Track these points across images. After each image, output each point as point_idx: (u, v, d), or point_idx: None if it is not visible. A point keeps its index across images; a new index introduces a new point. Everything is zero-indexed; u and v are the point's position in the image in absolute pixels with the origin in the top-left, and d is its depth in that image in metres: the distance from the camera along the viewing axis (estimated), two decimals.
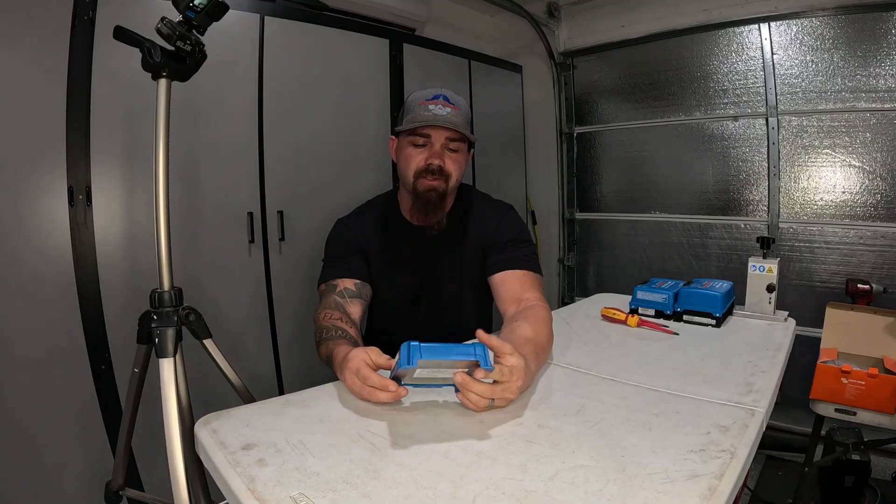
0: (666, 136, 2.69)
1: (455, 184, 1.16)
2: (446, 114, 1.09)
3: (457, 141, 1.13)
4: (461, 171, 1.17)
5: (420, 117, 1.09)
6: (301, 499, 0.55)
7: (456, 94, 1.15)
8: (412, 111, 1.12)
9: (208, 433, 0.71)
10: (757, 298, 1.29)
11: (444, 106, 1.10)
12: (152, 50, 0.83)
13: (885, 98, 2.07)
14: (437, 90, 1.13)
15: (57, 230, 1.27)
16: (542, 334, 0.95)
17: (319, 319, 1.06)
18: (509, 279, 1.12)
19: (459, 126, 1.10)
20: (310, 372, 1.73)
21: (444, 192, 1.13)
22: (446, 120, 1.08)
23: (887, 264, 2.11)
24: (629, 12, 2.67)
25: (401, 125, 1.14)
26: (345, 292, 1.13)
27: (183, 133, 1.42)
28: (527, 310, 1.03)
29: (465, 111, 1.15)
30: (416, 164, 1.12)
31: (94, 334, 1.32)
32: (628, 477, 0.58)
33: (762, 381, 0.87)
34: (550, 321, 1.02)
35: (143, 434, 1.12)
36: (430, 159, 1.11)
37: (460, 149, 1.14)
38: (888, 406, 1.37)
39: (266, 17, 1.59)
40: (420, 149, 1.12)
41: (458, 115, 1.11)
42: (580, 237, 3.11)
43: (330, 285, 1.15)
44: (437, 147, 1.11)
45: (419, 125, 1.09)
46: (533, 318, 0.99)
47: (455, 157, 1.14)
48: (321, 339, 1.01)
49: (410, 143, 1.13)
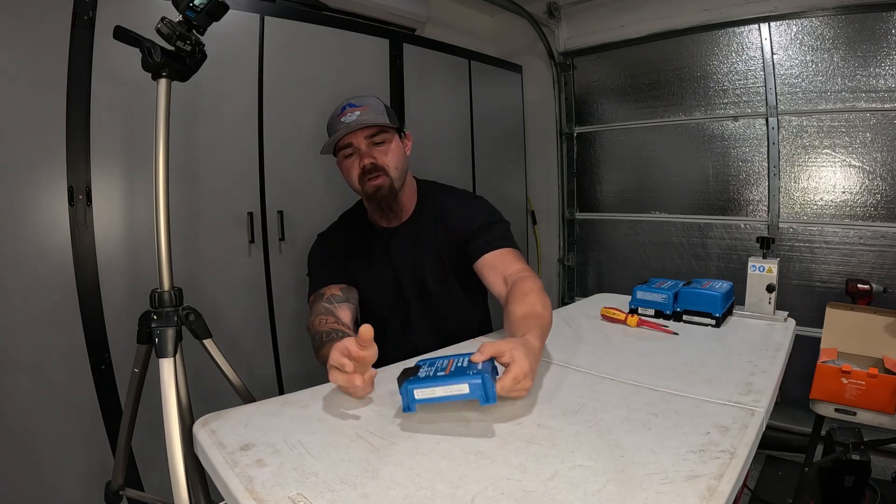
0: (666, 136, 2.69)
1: (399, 174, 1.19)
2: (355, 118, 1.15)
3: (378, 134, 1.17)
4: (398, 158, 1.20)
5: (336, 132, 1.16)
6: (299, 499, 0.55)
7: (363, 96, 1.20)
8: (331, 131, 1.19)
9: (207, 433, 0.71)
10: (757, 298, 1.29)
11: (351, 112, 1.16)
12: (152, 50, 0.83)
13: (885, 98, 2.07)
14: (343, 101, 1.19)
15: (57, 230, 1.27)
16: (534, 305, 0.97)
17: (314, 326, 1.10)
18: (491, 262, 1.16)
19: (370, 121, 1.15)
20: (309, 372, 1.73)
21: (390, 185, 1.17)
22: (358, 122, 1.14)
23: (887, 264, 2.11)
24: (629, 12, 2.67)
25: (326, 148, 1.21)
26: (332, 298, 1.18)
27: (183, 133, 1.42)
28: (513, 287, 1.06)
29: (374, 105, 1.19)
30: (355, 173, 1.18)
31: (94, 334, 1.32)
32: (628, 477, 0.58)
33: (762, 381, 0.87)
34: (539, 288, 1.04)
35: (143, 434, 1.12)
36: (362, 162, 1.16)
37: (386, 139, 1.18)
38: (888, 406, 1.37)
39: (266, 17, 1.59)
40: (352, 158, 1.18)
41: (367, 113, 1.16)
42: (580, 237, 3.11)
43: (318, 294, 1.20)
44: (363, 148, 1.16)
45: (337, 139, 1.16)
46: (520, 293, 1.02)
47: (384, 149, 1.18)
48: (321, 345, 1.04)
49: (343, 157, 1.19)
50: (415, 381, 0.70)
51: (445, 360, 0.75)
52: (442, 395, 0.69)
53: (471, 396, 0.68)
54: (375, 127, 1.15)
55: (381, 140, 1.17)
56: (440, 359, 0.76)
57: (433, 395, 0.69)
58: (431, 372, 0.72)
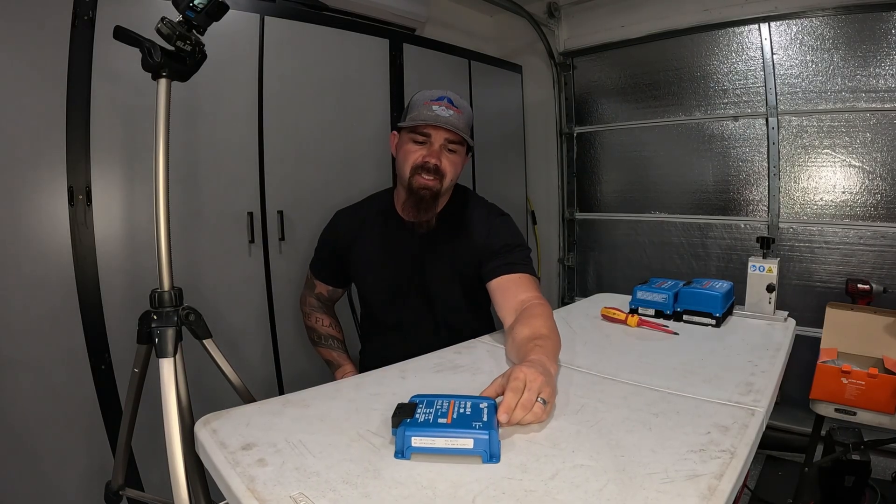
0: (666, 136, 2.69)
1: (449, 184, 1.20)
2: (449, 116, 1.13)
3: (456, 143, 1.16)
4: (457, 172, 1.20)
5: (423, 116, 1.13)
6: (301, 498, 0.55)
7: (461, 99, 1.19)
8: (416, 109, 1.16)
9: (208, 433, 0.71)
10: (757, 298, 1.29)
11: (447, 108, 1.14)
12: (152, 50, 0.83)
13: (885, 98, 2.07)
14: (442, 92, 1.17)
15: (57, 230, 1.27)
16: (538, 328, 0.96)
17: (312, 322, 1.39)
18: (505, 284, 1.14)
19: (460, 129, 1.13)
20: (310, 372, 1.73)
21: (437, 191, 1.17)
22: (447, 122, 1.12)
23: (887, 264, 2.11)
24: (629, 12, 2.67)
25: (403, 122, 1.18)
26: (320, 297, 1.40)
27: (183, 133, 1.42)
28: (522, 313, 1.04)
29: (467, 115, 1.19)
30: (413, 160, 1.15)
31: (94, 334, 1.32)
32: (628, 477, 0.58)
33: (762, 381, 0.87)
34: (548, 314, 1.03)
35: (143, 434, 1.12)
36: (427, 157, 1.14)
37: (458, 151, 1.18)
38: (888, 406, 1.37)
39: (266, 17, 1.59)
40: (419, 146, 1.16)
41: (459, 119, 1.15)
42: (580, 237, 3.11)
43: (312, 282, 1.40)
44: (436, 146, 1.15)
45: (421, 123, 1.13)
46: (527, 316, 1.01)
47: (452, 159, 1.17)
48: (318, 342, 1.38)
49: (411, 139, 1.16)
50: (413, 425, 0.64)
51: (446, 400, 0.70)
52: (443, 446, 0.62)
53: (474, 452, 0.62)
54: (459, 135, 1.15)
55: (455, 149, 1.17)
56: (439, 398, 0.70)
57: (433, 446, 0.62)
58: (431, 416, 0.66)
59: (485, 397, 0.71)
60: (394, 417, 0.67)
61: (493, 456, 0.62)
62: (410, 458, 0.63)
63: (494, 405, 0.69)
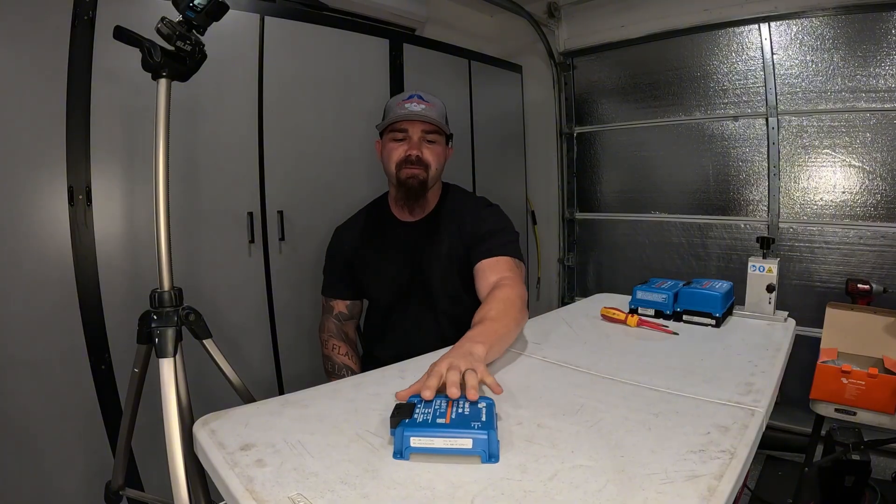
0: (666, 136, 2.69)
1: (435, 174, 1.26)
2: (421, 109, 1.21)
3: (433, 133, 1.24)
4: (440, 162, 1.27)
5: (397, 114, 1.22)
6: (299, 499, 0.55)
7: (431, 95, 1.28)
8: (390, 111, 1.25)
9: (207, 433, 0.71)
10: (757, 298, 1.29)
11: (418, 103, 1.22)
12: (152, 50, 0.83)
13: (885, 98, 2.07)
14: (411, 91, 1.26)
15: (57, 230, 1.27)
16: (486, 312, 0.98)
17: (328, 350, 1.35)
18: (481, 268, 1.17)
19: (433, 119, 1.22)
20: (310, 372, 1.73)
21: (424, 179, 1.23)
22: (420, 115, 1.21)
23: (887, 264, 2.11)
24: (629, 12, 2.67)
25: (381, 126, 1.27)
26: (340, 316, 1.38)
27: (183, 133, 1.41)
28: (486, 296, 1.07)
29: (439, 107, 1.27)
30: (397, 157, 1.23)
31: (94, 334, 1.32)
32: (628, 477, 0.58)
33: (762, 381, 0.87)
34: (506, 295, 1.04)
35: (143, 434, 1.12)
36: (409, 151, 1.22)
37: (437, 140, 1.25)
38: (888, 406, 1.37)
39: (266, 17, 1.59)
40: (400, 143, 1.24)
41: (432, 111, 1.23)
42: (580, 237, 3.11)
43: (328, 305, 1.39)
44: (415, 139, 1.23)
45: (396, 120, 1.22)
46: (487, 300, 1.04)
47: (433, 148, 1.25)
48: (333, 372, 1.33)
49: (391, 139, 1.25)
50: (411, 425, 0.64)
51: (444, 400, 0.70)
52: (442, 447, 0.62)
53: (473, 452, 0.62)
54: (434, 125, 1.22)
55: (433, 140, 1.24)
56: (438, 398, 0.71)
57: (431, 446, 0.63)
58: (429, 416, 0.66)
59: (484, 397, 0.71)
60: (392, 418, 0.67)
61: (491, 456, 0.62)
62: (409, 458, 0.63)
63: (493, 405, 0.70)
